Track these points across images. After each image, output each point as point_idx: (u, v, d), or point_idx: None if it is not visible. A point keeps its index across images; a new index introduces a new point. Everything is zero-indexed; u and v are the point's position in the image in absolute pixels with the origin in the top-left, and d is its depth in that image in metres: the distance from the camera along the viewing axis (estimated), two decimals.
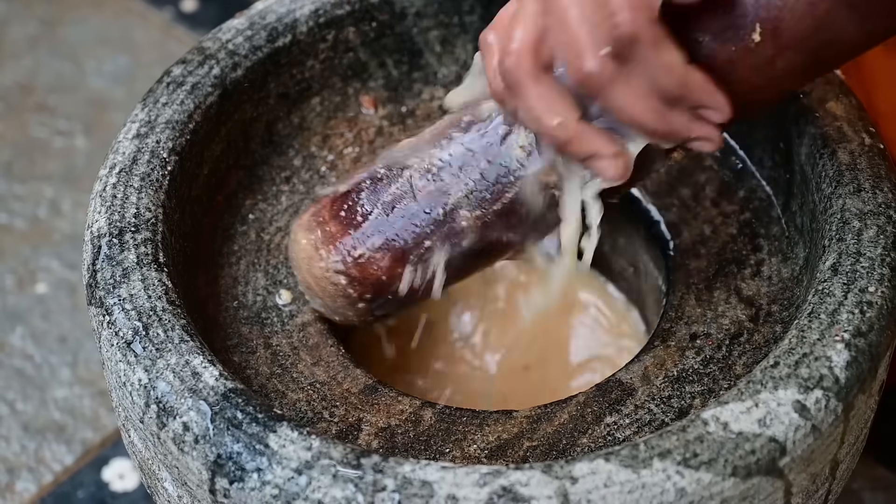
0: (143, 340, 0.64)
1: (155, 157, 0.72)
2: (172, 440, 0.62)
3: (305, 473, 0.59)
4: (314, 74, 0.80)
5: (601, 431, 0.67)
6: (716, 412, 0.60)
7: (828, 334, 0.63)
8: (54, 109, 1.22)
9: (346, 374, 0.70)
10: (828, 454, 0.63)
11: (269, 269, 0.74)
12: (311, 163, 0.79)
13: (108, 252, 0.67)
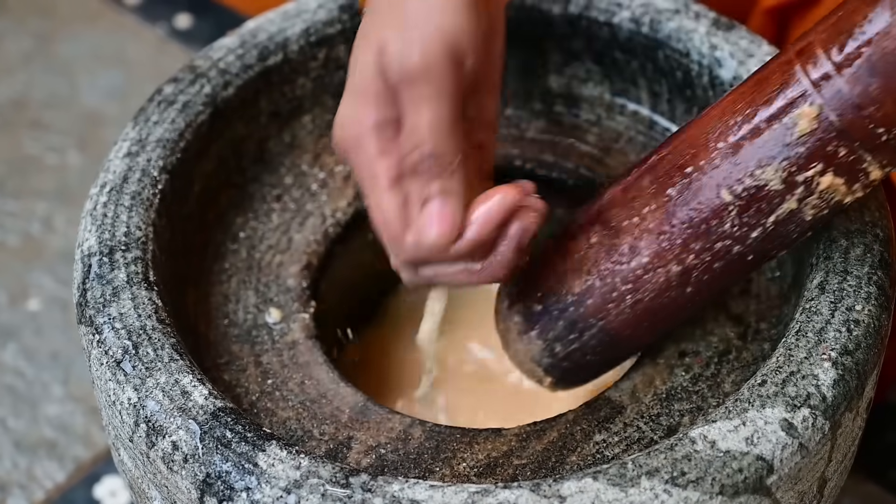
0: (133, 359, 0.64)
1: (146, 176, 0.72)
2: (161, 459, 0.62)
3: (294, 492, 0.59)
4: (305, 93, 0.80)
5: (590, 449, 0.67)
6: (703, 430, 0.60)
7: (815, 353, 0.63)
8: (48, 125, 1.22)
9: (335, 392, 0.70)
10: (815, 472, 0.63)
11: (260, 288, 0.75)
12: (303, 181, 0.79)
13: (98, 271, 0.68)
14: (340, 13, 0.80)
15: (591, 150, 0.80)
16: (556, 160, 0.80)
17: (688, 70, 0.77)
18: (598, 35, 0.79)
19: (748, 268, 0.65)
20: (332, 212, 0.78)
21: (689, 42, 0.76)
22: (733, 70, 0.74)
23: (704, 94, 0.76)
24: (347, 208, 0.78)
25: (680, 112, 0.78)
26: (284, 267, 0.76)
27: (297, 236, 0.77)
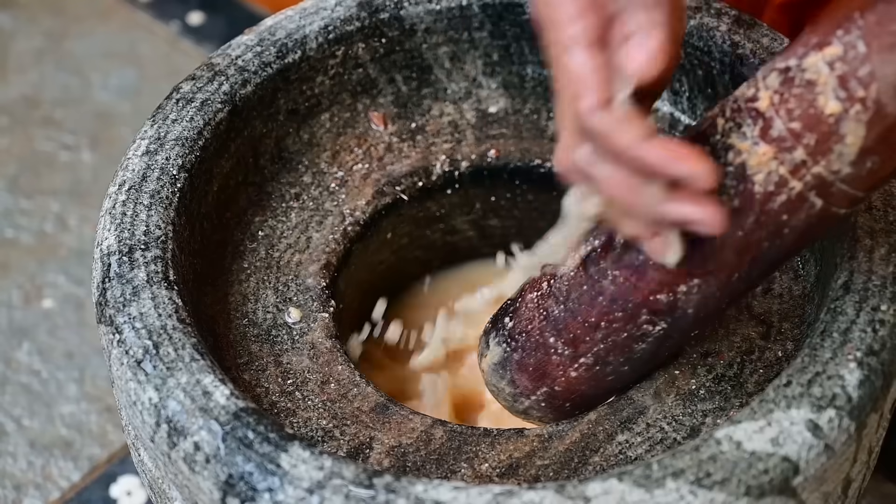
0: (154, 359, 0.64)
1: (164, 175, 0.72)
2: (183, 460, 0.61)
3: (317, 493, 0.58)
4: (324, 90, 0.80)
5: (613, 450, 0.66)
6: (729, 431, 0.60)
7: (840, 353, 0.62)
8: (60, 123, 1.22)
9: (357, 392, 0.69)
10: (840, 473, 0.62)
11: (279, 287, 0.74)
12: (321, 179, 0.79)
13: (117, 270, 0.67)
14: (359, 10, 0.79)
15: None
16: None
17: (709, 68, 0.76)
18: None
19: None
20: (350, 211, 0.78)
21: (710, 40, 0.76)
22: (755, 68, 0.74)
23: (725, 92, 0.76)
24: (366, 207, 0.78)
25: (701, 110, 0.78)
26: (304, 266, 0.75)
27: (315, 235, 0.77)
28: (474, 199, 0.81)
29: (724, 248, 0.60)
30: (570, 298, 0.67)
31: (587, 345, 0.67)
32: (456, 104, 0.82)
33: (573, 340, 0.67)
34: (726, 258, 0.61)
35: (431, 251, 0.84)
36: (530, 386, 0.70)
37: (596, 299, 0.65)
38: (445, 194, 0.81)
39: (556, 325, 0.68)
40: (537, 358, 0.69)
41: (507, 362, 0.71)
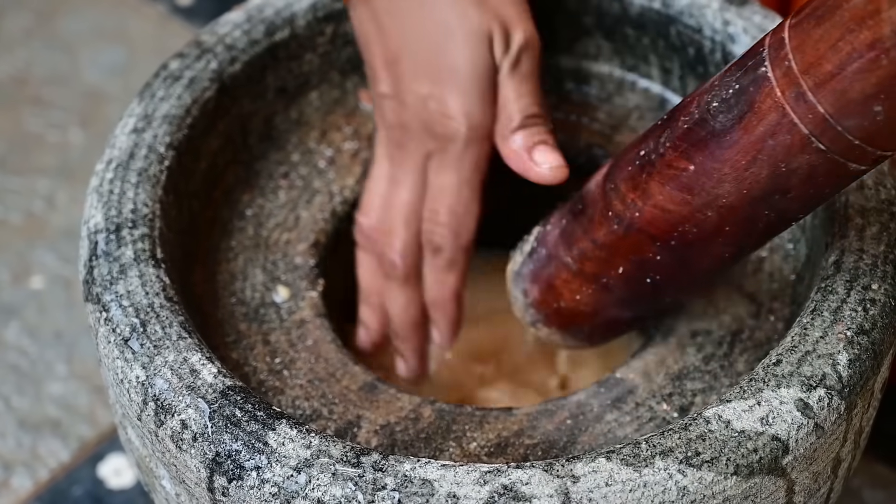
0: (141, 337, 0.63)
1: (152, 152, 0.71)
2: (170, 438, 0.61)
3: (305, 472, 0.58)
4: (312, 69, 0.79)
5: (602, 429, 0.66)
6: (718, 410, 0.60)
7: (831, 332, 0.62)
8: (49, 102, 1.21)
9: (344, 371, 0.69)
10: (830, 452, 0.62)
11: (267, 266, 0.74)
12: (310, 158, 0.79)
13: (104, 248, 0.67)
14: None
15: (601, 127, 0.80)
16: (565, 138, 0.79)
17: (700, 46, 0.76)
18: (609, 11, 0.78)
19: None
20: (339, 189, 0.77)
21: (701, 18, 0.75)
22: (746, 46, 0.74)
23: (717, 71, 0.75)
24: (355, 186, 0.78)
25: (692, 89, 0.77)
26: (292, 245, 0.75)
27: (304, 214, 0.76)
28: None
29: (722, 183, 0.59)
30: (584, 212, 0.67)
31: (592, 264, 0.66)
32: None
33: (580, 257, 0.67)
34: (728, 193, 0.59)
35: None
36: (539, 298, 0.71)
37: (605, 216, 0.65)
38: None
39: (567, 238, 0.68)
40: (548, 270, 0.70)
41: (523, 270, 0.71)
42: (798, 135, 0.55)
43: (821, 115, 0.54)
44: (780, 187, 0.58)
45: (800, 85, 0.54)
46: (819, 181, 0.57)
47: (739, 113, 0.57)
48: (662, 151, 0.61)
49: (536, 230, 0.72)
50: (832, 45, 0.53)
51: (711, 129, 0.58)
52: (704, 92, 0.60)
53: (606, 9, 0.78)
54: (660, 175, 0.61)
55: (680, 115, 0.61)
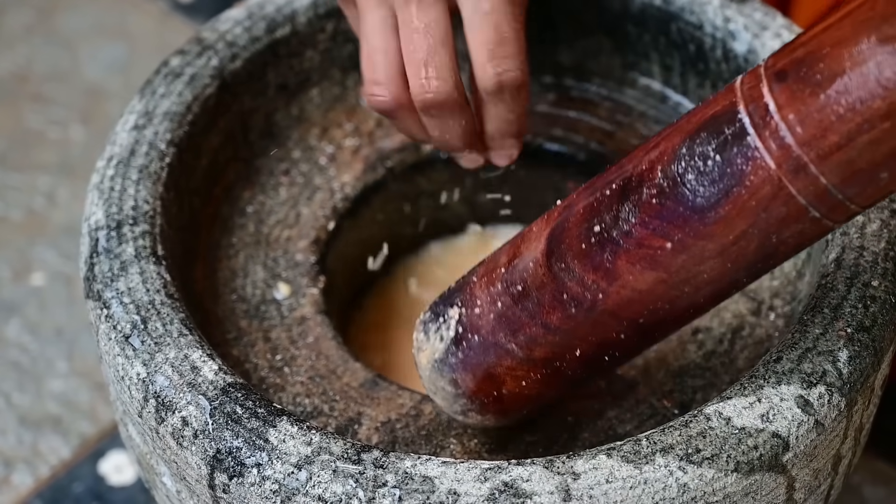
0: (142, 334, 0.63)
1: (153, 149, 0.71)
2: (171, 435, 0.61)
3: (305, 469, 0.58)
4: (313, 66, 0.79)
5: (603, 426, 0.66)
6: (718, 407, 0.60)
7: (831, 329, 0.62)
8: (50, 99, 1.21)
9: (345, 368, 0.69)
10: (830, 449, 0.62)
11: (268, 263, 0.74)
12: (310, 155, 0.79)
13: (105, 245, 0.67)
14: None
15: (602, 124, 0.80)
16: (566, 134, 0.79)
17: (701, 43, 0.76)
18: (610, 7, 0.78)
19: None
20: (340, 186, 0.77)
21: (702, 14, 0.75)
22: (747, 43, 0.74)
23: (717, 68, 0.76)
24: (356, 182, 0.78)
25: (692, 86, 0.77)
26: (293, 242, 0.75)
27: (305, 211, 0.76)
28: (464, 174, 0.81)
29: (705, 259, 0.55)
30: (527, 295, 0.60)
31: (544, 349, 0.61)
32: None
33: (529, 343, 0.61)
34: (710, 268, 0.55)
35: (422, 227, 0.83)
36: (475, 388, 0.63)
37: (557, 299, 0.59)
38: (435, 169, 0.80)
39: (509, 323, 0.61)
40: (485, 358, 0.62)
41: (450, 360, 0.64)
42: (795, 206, 0.52)
43: (823, 186, 0.51)
44: (767, 256, 0.55)
45: (799, 158, 0.51)
46: (804, 244, 0.54)
47: (726, 188, 0.53)
48: (628, 229, 0.56)
49: (455, 312, 0.64)
50: (839, 115, 0.49)
51: (691, 205, 0.54)
52: (664, 157, 0.55)
53: (608, 5, 0.78)
54: (628, 255, 0.56)
55: (640, 186, 0.55)
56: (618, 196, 0.56)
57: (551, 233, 0.59)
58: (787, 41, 0.72)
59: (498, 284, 0.62)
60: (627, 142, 0.78)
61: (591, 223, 0.57)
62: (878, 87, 0.48)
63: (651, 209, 0.55)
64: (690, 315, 0.58)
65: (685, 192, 0.53)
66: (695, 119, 0.54)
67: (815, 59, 0.50)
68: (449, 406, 0.65)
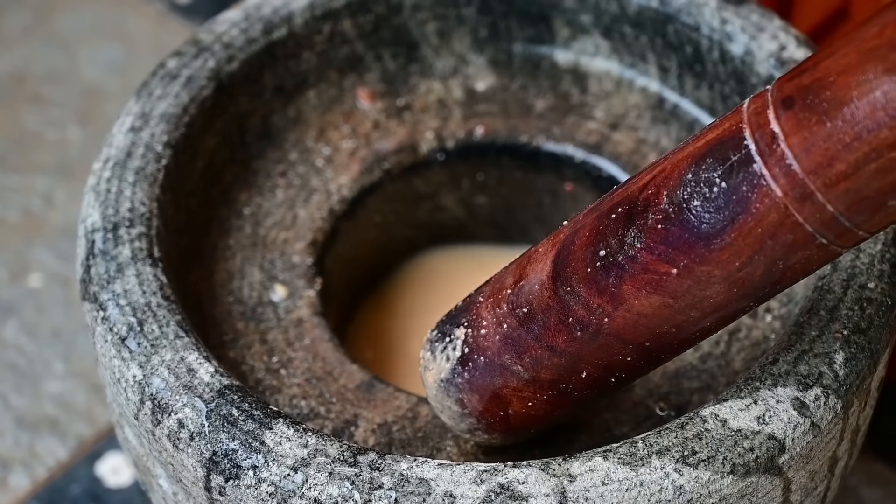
0: (138, 336, 0.63)
1: (149, 151, 0.71)
2: (167, 437, 0.61)
3: (301, 471, 0.58)
4: (310, 67, 0.79)
5: (599, 428, 0.66)
6: (714, 409, 0.60)
7: (827, 331, 0.62)
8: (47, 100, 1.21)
9: (342, 370, 0.69)
10: (827, 451, 0.62)
11: (265, 265, 0.74)
12: (307, 156, 0.79)
13: (102, 247, 0.67)
14: None
15: (599, 126, 0.80)
16: (563, 136, 0.79)
17: (697, 45, 0.76)
18: (607, 9, 0.78)
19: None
20: (337, 188, 0.77)
21: (699, 16, 0.75)
22: (744, 45, 0.74)
23: (714, 69, 0.76)
24: (353, 184, 0.78)
25: (689, 87, 0.77)
26: (290, 244, 0.75)
27: (302, 213, 0.76)
28: (461, 176, 0.81)
29: (711, 285, 0.55)
30: (533, 317, 0.60)
31: (550, 372, 0.61)
32: (443, 81, 0.81)
33: (534, 365, 0.61)
34: (716, 293, 0.55)
35: (419, 229, 0.83)
36: (481, 408, 0.63)
37: (563, 322, 0.59)
38: (433, 172, 0.80)
39: (515, 345, 0.61)
40: (492, 379, 0.62)
41: (456, 380, 0.64)
42: (802, 233, 0.52)
43: (830, 214, 0.50)
44: (773, 282, 0.54)
45: (805, 186, 0.50)
46: (811, 269, 0.54)
47: (731, 215, 0.52)
48: (633, 254, 0.55)
49: (461, 332, 0.64)
50: (846, 144, 0.49)
51: (696, 231, 0.53)
52: (669, 182, 0.55)
53: (605, 7, 0.78)
54: (634, 280, 0.56)
55: (646, 211, 0.55)
56: (623, 221, 0.56)
57: (557, 255, 0.59)
58: (783, 43, 0.72)
59: (504, 306, 0.62)
60: (625, 144, 0.78)
61: (597, 247, 0.57)
62: (886, 117, 0.48)
63: (656, 235, 0.55)
64: (696, 338, 0.59)
65: (691, 218, 0.53)
66: (700, 143, 0.54)
67: (821, 86, 0.50)
68: (455, 425, 0.65)
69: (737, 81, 0.75)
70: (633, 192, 0.56)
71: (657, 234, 0.55)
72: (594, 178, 0.78)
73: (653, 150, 0.78)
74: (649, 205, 0.55)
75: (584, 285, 0.57)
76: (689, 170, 0.54)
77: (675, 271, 0.55)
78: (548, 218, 0.82)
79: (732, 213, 0.52)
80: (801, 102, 0.50)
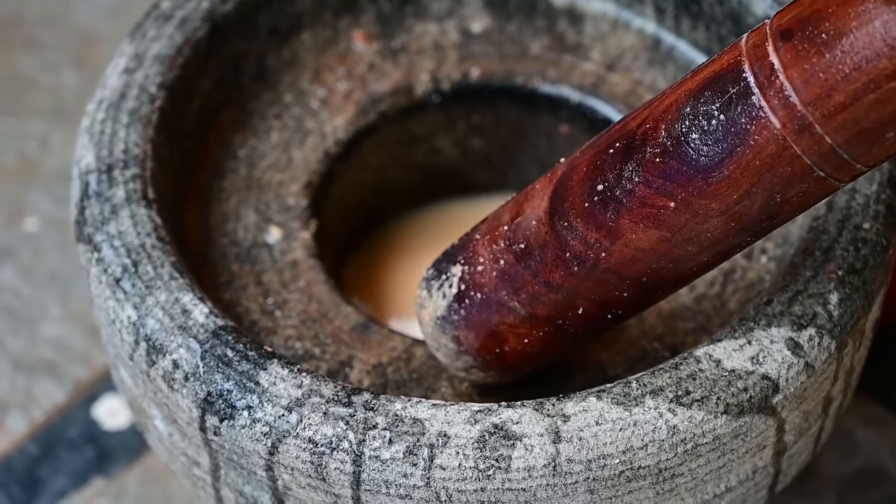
0: (132, 277, 0.63)
1: (143, 93, 0.71)
2: (162, 378, 0.61)
3: (296, 411, 0.58)
4: (305, 8, 0.79)
5: (593, 368, 0.66)
6: (708, 349, 0.60)
7: (822, 271, 0.62)
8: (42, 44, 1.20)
9: (337, 312, 0.69)
10: (821, 392, 0.62)
11: (260, 206, 0.74)
12: (302, 98, 0.78)
13: (96, 188, 0.67)
14: None
15: (596, 67, 0.79)
16: (559, 78, 0.79)
17: None
18: None
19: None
20: (332, 130, 0.77)
21: None
22: None
23: (711, 10, 0.75)
24: (348, 126, 0.77)
25: (686, 28, 0.77)
26: (285, 186, 0.75)
27: (297, 155, 0.76)
28: (457, 118, 0.81)
29: (709, 219, 0.55)
30: (530, 253, 0.60)
31: (546, 307, 0.61)
32: (439, 23, 0.81)
33: (531, 301, 0.61)
34: (714, 227, 0.55)
35: (414, 171, 0.83)
36: (477, 345, 0.64)
37: (560, 257, 0.59)
38: (428, 114, 0.80)
39: (511, 281, 0.61)
40: (488, 316, 0.62)
41: (453, 317, 0.64)
42: (800, 165, 0.52)
43: (828, 146, 0.51)
44: (771, 215, 0.54)
45: (804, 117, 0.50)
46: (809, 203, 0.54)
47: (730, 147, 0.52)
48: (631, 188, 0.55)
49: (458, 269, 0.64)
50: (844, 75, 0.49)
51: (694, 164, 0.53)
52: (667, 116, 0.54)
53: None
54: (631, 213, 0.56)
55: (644, 145, 0.55)
56: (621, 155, 0.56)
57: (554, 191, 0.59)
58: None
59: (501, 242, 0.62)
60: (621, 85, 0.78)
61: (595, 182, 0.57)
62: (885, 47, 0.48)
63: (654, 168, 0.55)
64: (693, 274, 0.59)
65: (689, 151, 0.53)
66: (699, 77, 0.54)
67: (820, 17, 0.49)
68: (451, 363, 0.66)
69: (733, 22, 0.74)
70: (631, 127, 0.56)
71: (655, 168, 0.55)
72: (590, 119, 0.78)
73: (649, 92, 0.77)
74: (647, 139, 0.55)
75: (582, 220, 0.57)
76: (687, 103, 0.54)
77: (673, 205, 0.55)
78: (544, 160, 0.81)
79: (731, 145, 0.52)
80: (799, 34, 0.50)
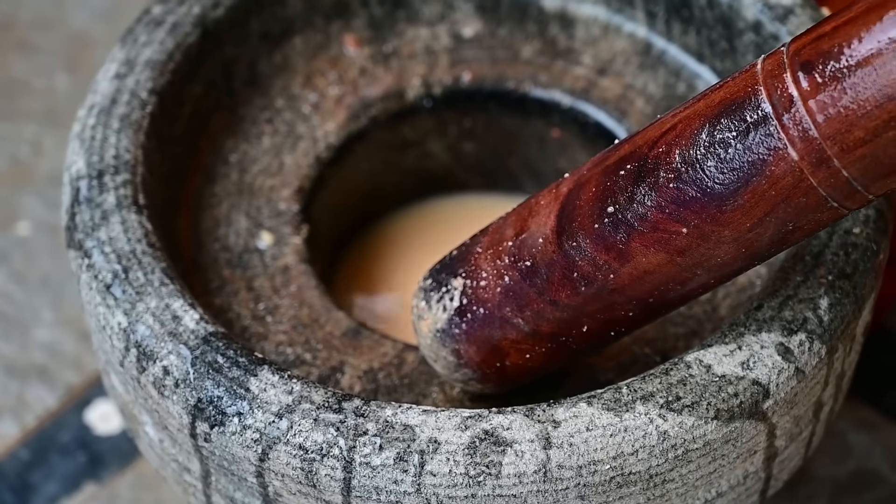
0: (123, 284, 0.63)
1: (134, 98, 0.71)
2: (152, 384, 0.61)
3: (286, 417, 0.58)
4: (296, 13, 0.79)
5: (584, 374, 0.66)
6: (699, 355, 0.60)
7: (812, 276, 0.62)
8: (35, 47, 1.20)
9: (328, 317, 0.69)
10: (811, 397, 0.62)
11: (251, 212, 0.74)
12: (294, 103, 0.78)
13: (86, 194, 0.67)
14: None
15: (586, 72, 0.79)
16: (550, 82, 0.79)
17: None
18: None
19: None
20: (323, 135, 0.77)
21: None
22: None
23: (702, 15, 0.75)
24: (339, 131, 0.77)
25: (677, 33, 0.77)
26: (276, 191, 0.75)
27: (288, 160, 0.76)
28: (448, 123, 0.81)
29: (721, 245, 0.55)
30: (536, 271, 0.60)
31: (551, 325, 0.61)
32: (430, 27, 0.81)
33: (536, 318, 0.61)
34: (724, 253, 0.56)
35: (406, 176, 0.83)
36: (478, 359, 0.64)
37: (567, 277, 0.59)
38: (419, 118, 0.80)
39: (516, 297, 0.61)
40: (490, 331, 0.62)
41: (453, 330, 0.64)
42: (815, 196, 0.52)
43: (844, 179, 0.51)
44: (781, 242, 0.55)
45: (823, 151, 0.50)
46: (817, 229, 0.55)
47: (746, 176, 0.52)
48: (643, 212, 0.55)
49: (459, 283, 0.63)
50: (865, 112, 0.49)
51: (709, 191, 0.53)
52: (681, 141, 0.54)
53: None
54: (642, 237, 0.56)
55: (657, 169, 0.55)
56: (633, 177, 0.56)
57: (561, 209, 0.59)
58: None
59: (505, 258, 0.62)
60: (612, 90, 0.78)
61: (605, 203, 0.57)
62: None
63: (668, 194, 0.55)
64: (699, 293, 0.59)
65: (704, 178, 0.53)
66: (713, 102, 0.54)
67: (841, 51, 0.49)
68: (449, 374, 0.66)
69: (724, 26, 0.74)
70: (641, 148, 0.56)
71: (668, 193, 0.55)
72: (581, 124, 0.78)
73: (640, 96, 0.77)
74: (660, 163, 0.55)
75: (591, 241, 0.57)
76: (702, 129, 0.54)
77: (685, 230, 0.55)
78: (535, 164, 0.82)
79: (747, 174, 0.52)
80: (820, 67, 0.50)
